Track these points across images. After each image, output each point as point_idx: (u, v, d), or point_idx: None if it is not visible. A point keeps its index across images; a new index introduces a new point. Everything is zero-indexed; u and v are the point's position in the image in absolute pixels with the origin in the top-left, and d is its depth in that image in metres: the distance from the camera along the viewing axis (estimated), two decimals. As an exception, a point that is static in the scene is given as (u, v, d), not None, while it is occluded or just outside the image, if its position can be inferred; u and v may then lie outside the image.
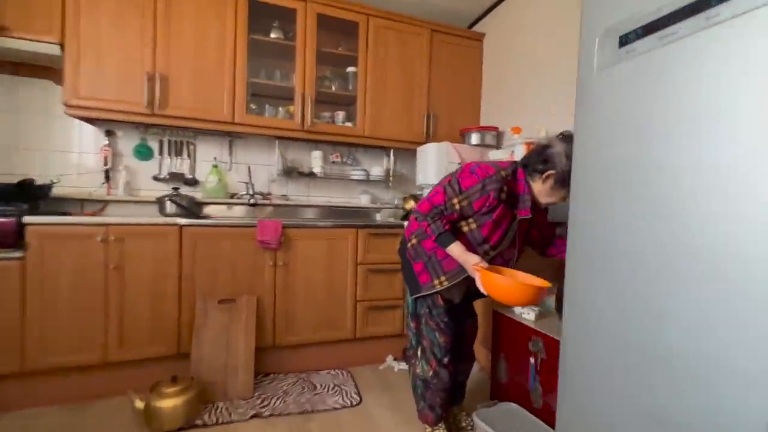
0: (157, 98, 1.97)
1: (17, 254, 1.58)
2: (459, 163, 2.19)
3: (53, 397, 1.68)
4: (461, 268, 1.27)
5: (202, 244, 1.86)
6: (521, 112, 2.28)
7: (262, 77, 2.26)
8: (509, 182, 1.27)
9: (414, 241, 1.39)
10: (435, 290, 1.33)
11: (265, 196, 2.43)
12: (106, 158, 2.11)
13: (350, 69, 2.45)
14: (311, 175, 2.49)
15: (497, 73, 2.55)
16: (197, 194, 2.28)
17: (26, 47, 1.80)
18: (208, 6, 2.05)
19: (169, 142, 2.27)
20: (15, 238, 1.57)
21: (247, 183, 2.36)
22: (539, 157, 1.26)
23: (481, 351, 1.95)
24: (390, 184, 2.71)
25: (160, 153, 2.26)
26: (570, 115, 0.87)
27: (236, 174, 2.41)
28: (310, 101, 2.26)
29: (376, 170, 2.62)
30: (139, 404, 1.46)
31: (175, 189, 2.19)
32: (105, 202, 2.12)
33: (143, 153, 2.22)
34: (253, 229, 1.92)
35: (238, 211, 2.36)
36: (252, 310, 1.89)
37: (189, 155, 2.32)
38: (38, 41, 1.80)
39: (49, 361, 1.64)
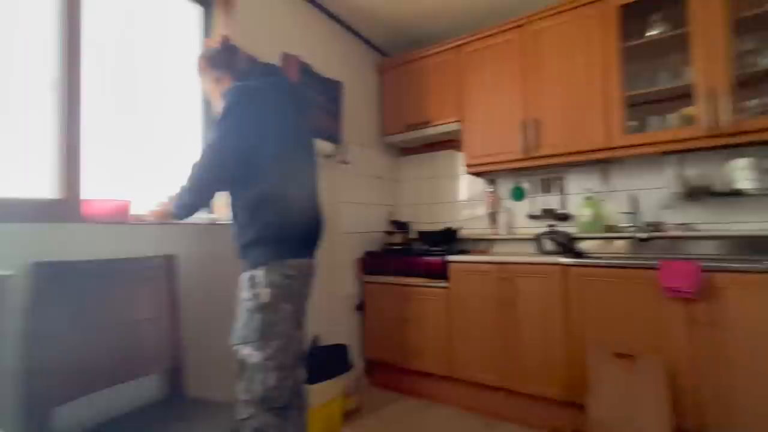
0: (531, 143, 2.10)
1: (444, 284, 2.10)
2: None
3: (467, 404, 2.04)
4: None
5: (586, 286, 1.72)
6: None
7: (642, 87, 1.89)
8: None
9: None
10: None
11: (656, 227, 1.97)
12: (490, 203, 2.48)
13: (799, 23, 1.58)
14: (734, 194, 1.77)
15: None
16: (571, 229, 2.19)
17: (440, 130, 2.47)
18: (572, 36, 2.00)
19: (540, 180, 2.36)
20: (442, 272, 2.09)
21: (630, 213, 2.01)
22: None
23: None
24: None
25: (532, 192, 2.39)
26: None
27: (613, 204, 2.13)
28: (723, 93, 1.64)
29: None
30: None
31: (550, 225, 2.21)
32: (491, 241, 2.48)
33: (518, 194, 2.43)
34: (653, 272, 1.56)
35: (621, 247, 2.04)
36: (660, 376, 1.49)
37: (559, 190, 2.30)
38: (446, 123, 2.42)
39: (465, 373, 2.02)
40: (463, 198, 2.69)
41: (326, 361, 1.85)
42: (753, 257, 1.57)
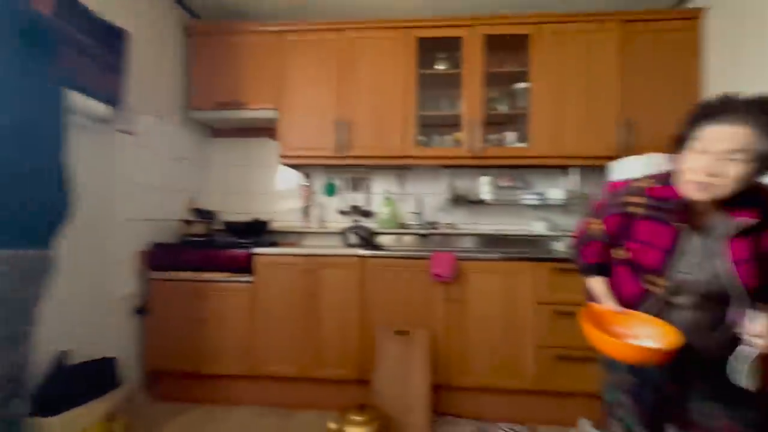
0: (344, 142, 2.23)
1: (249, 278, 1.98)
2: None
3: (268, 400, 2.00)
4: None
5: (379, 274, 1.95)
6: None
7: (430, 109, 2.29)
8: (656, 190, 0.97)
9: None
10: None
11: (433, 225, 2.43)
12: (304, 197, 2.51)
13: (520, 85, 2.25)
14: (480, 202, 2.36)
15: (731, 56, 1.90)
16: (373, 225, 2.45)
17: (255, 115, 2.32)
18: (382, 52, 2.23)
19: (350, 179, 2.54)
20: (248, 266, 1.97)
21: (416, 213, 2.41)
22: None
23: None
24: (571, 207, 2.32)
25: (343, 189, 2.55)
26: None
27: (406, 205, 2.50)
28: (478, 126, 2.16)
29: (554, 193, 2.29)
30: (332, 426, 1.57)
31: (356, 221, 2.41)
32: (303, 234, 2.51)
33: (330, 190, 2.54)
34: (427, 261, 1.91)
35: (409, 241, 2.42)
36: (425, 345, 1.84)
37: (365, 189, 2.54)
38: (263, 109, 2.30)
39: (266, 369, 1.97)
40: (277, 189, 2.62)
41: (80, 383, 1.46)
42: (488, 249, 2.16)
